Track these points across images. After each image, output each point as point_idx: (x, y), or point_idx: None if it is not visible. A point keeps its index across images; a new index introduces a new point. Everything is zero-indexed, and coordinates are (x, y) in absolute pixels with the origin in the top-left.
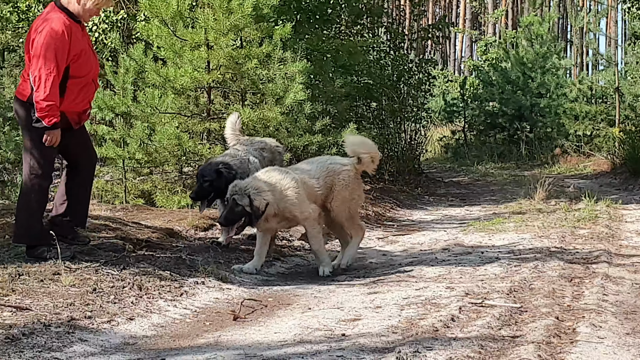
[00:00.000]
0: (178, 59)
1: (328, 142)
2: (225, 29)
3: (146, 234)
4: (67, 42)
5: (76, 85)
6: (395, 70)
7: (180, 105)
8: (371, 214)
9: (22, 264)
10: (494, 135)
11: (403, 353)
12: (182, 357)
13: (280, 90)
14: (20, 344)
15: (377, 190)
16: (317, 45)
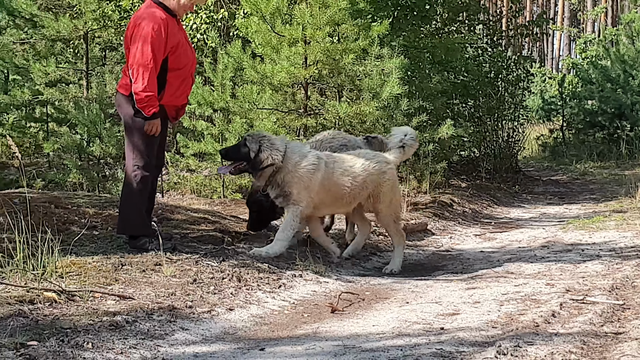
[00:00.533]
0: (275, 55)
1: (424, 138)
2: (321, 24)
3: (244, 227)
4: (164, 35)
5: (176, 78)
6: (493, 67)
7: (278, 101)
8: (468, 211)
9: (125, 254)
10: (593, 134)
11: (504, 347)
12: (282, 347)
13: (377, 86)
14: (124, 331)
15: (473, 187)
16: (414, 42)
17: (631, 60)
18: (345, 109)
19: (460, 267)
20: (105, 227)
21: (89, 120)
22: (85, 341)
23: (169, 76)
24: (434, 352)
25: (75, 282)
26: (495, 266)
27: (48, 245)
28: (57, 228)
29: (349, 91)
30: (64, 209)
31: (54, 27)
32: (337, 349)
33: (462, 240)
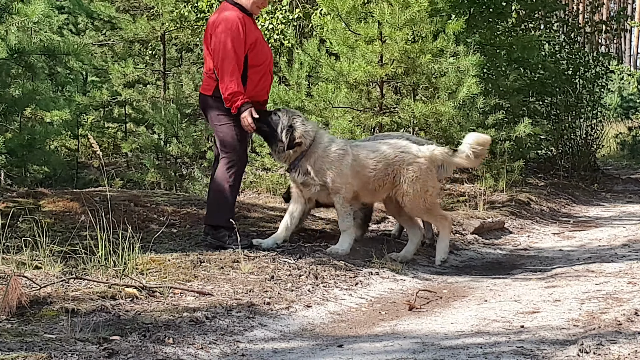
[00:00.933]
0: (351, 54)
1: (501, 136)
2: (400, 23)
3: (320, 225)
4: (242, 33)
5: (256, 74)
6: (571, 64)
7: (353, 99)
8: (546, 210)
9: (203, 251)
10: None
11: (586, 345)
12: (360, 344)
13: (453, 84)
14: (204, 327)
15: (551, 185)
16: (490, 39)
17: None
18: (421, 107)
19: (539, 266)
20: (183, 225)
21: (166, 120)
22: (166, 336)
23: (250, 73)
24: (515, 350)
25: (155, 278)
26: (575, 265)
27: (129, 243)
28: (137, 226)
29: (424, 89)
30: (143, 207)
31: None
32: (415, 346)
33: (540, 239)
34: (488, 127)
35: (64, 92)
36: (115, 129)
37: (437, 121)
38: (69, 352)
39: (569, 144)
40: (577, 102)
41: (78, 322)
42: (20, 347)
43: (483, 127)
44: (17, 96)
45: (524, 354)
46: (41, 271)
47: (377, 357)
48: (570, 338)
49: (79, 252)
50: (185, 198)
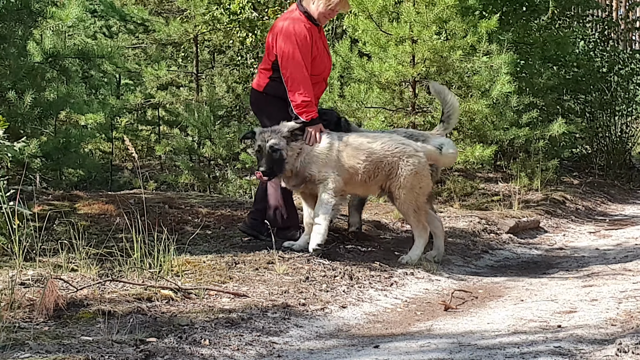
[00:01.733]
0: (383, 54)
1: (535, 135)
2: (429, 22)
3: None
4: (309, 44)
5: (313, 83)
6: (606, 61)
7: (385, 99)
8: (581, 208)
9: (238, 253)
10: None
11: (624, 345)
12: (396, 344)
13: (486, 82)
14: (240, 328)
15: (586, 184)
16: (523, 37)
17: None
18: None
19: (574, 265)
20: (217, 227)
21: (200, 122)
22: (202, 338)
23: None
24: (552, 350)
25: (190, 280)
26: (612, 263)
27: (164, 245)
28: (172, 227)
29: (457, 88)
30: (177, 209)
31: (165, 31)
32: (452, 346)
33: (576, 238)
34: (522, 126)
35: (97, 96)
36: (149, 132)
37: (471, 120)
38: (105, 354)
39: (603, 142)
40: (611, 100)
41: (114, 324)
42: (57, 349)
43: (517, 126)
44: (52, 100)
45: (561, 353)
46: (77, 273)
47: (413, 357)
48: (608, 337)
49: (115, 254)
50: (219, 200)
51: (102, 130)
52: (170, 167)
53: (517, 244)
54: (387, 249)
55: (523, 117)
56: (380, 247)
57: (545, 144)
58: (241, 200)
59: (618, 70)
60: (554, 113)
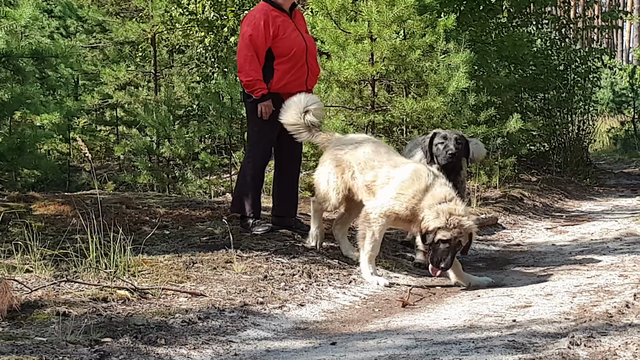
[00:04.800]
0: (342, 52)
1: (493, 133)
2: (388, 21)
3: None
4: (262, 25)
5: (282, 65)
6: (562, 60)
7: (345, 98)
8: (538, 205)
9: (196, 252)
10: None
11: (577, 338)
12: (353, 341)
13: (444, 80)
14: (197, 328)
15: (544, 181)
16: (480, 36)
17: None
18: (412, 104)
19: (531, 261)
20: (175, 227)
21: (158, 122)
22: (158, 337)
23: (275, 63)
24: (506, 344)
25: (147, 280)
26: (567, 259)
27: (120, 245)
28: (129, 228)
29: (416, 87)
30: (135, 210)
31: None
32: (408, 342)
33: (533, 234)
34: (480, 124)
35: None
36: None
37: (429, 118)
38: (60, 355)
39: (561, 139)
40: (569, 98)
41: (69, 324)
42: (11, 351)
43: (475, 124)
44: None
45: (515, 347)
46: (32, 274)
47: (370, 354)
48: (562, 331)
49: (70, 255)
50: (178, 200)
51: (59, 131)
52: (129, 168)
53: (475, 240)
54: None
55: (481, 115)
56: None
57: (503, 142)
58: (200, 200)
59: (575, 69)
60: (512, 111)
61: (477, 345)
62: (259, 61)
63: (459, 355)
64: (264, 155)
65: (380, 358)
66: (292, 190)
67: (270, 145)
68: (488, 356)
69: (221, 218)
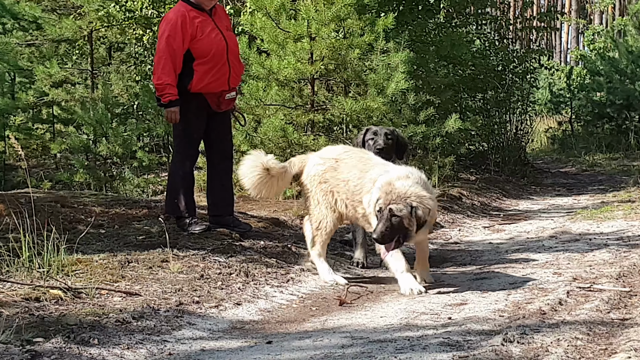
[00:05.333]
0: (281, 51)
1: (432, 132)
2: (327, 20)
3: (252, 223)
4: (179, 27)
5: (202, 65)
6: (501, 60)
7: (284, 97)
8: (477, 204)
9: (132, 252)
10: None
11: (510, 335)
12: (289, 340)
13: (383, 80)
14: (131, 327)
15: (482, 180)
16: (420, 36)
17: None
18: (352, 104)
19: (468, 259)
20: (111, 226)
21: (95, 120)
22: (91, 337)
23: (194, 64)
24: (441, 342)
25: (81, 279)
26: (504, 257)
27: (54, 244)
28: (64, 227)
29: (356, 86)
30: (70, 208)
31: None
32: (344, 340)
33: (471, 233)
34: (419, 123)
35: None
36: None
37: (368, 117)
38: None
39: (499, 139)
40: (507, 98)
41: (0, 324)
42: None
43: (415, 124)
44: None
45: (450, 344)
46: None
47: (305, 352)
48: (496, 328)
49: (3, 254)
50: (114, 198)
51: None
52: (66, 166)
53: None
54: (285, 246)
55: (420, 115)
56: (279, 244)
57: (442, 141)
58: (136, 199)
59: (513, 69)
60: (451, 111)
61: (412, 343)
62: (176, 63)
63: (394, 353)
64: (191, 154)
65: (315, 357)
66: (226, 187)
67: (197, 144)
68: (423, 354)
69: (158, 217)
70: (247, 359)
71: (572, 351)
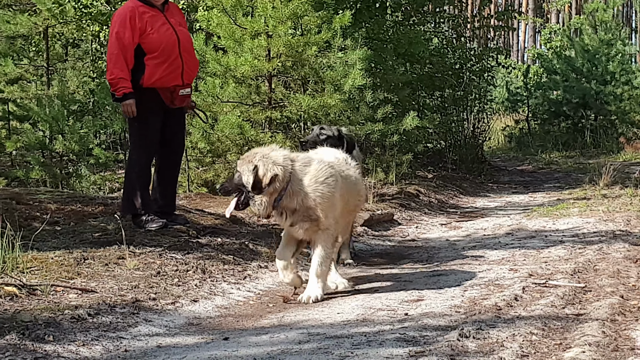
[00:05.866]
0: (238, 48)
1: (390, 130)
2: (284, 17)
3: (209, 220)
4: (128, 22)
5: (152, 60)
6: (459, 58)
7: (242, 94)
8: (434, 202)
9: (87, 249)
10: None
11: (466, 330)
12: (246, 336)
13: (340, 77)
14: (86, 324)
15: (440, 178)
16: (377, 34)
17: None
18: (309, 101)
19: (425, 256)
20: (67, 223)
21: (51, 117)
22: (46, 334)
23: (145, 59)
24: (398, 337)
25: (36, 276)
26: (460, 253)
27: (8, 241)
28: (19, 224)
29: (314, 83)
30: (25, 205)
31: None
32: (301, 337)
33: (428, 230)
34: (377, 121)
35: None
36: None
37: (326, 114)
38: None
39: (457, 137)
40: (465, 96)
41: None
42: None
43: (372, 121)
44: None
45: (406, 340)
46: None
47: (262, 348)
48: (452, 324)
49: None
50: (70, 195)
51: None
52: (22, 163)
53: (371, 236)
54: (242, 243)
55: (378, 112)
56: (236, 241)
57: (399, 139)
58: (93, 196)
59: (470, 67)
60: (408, 108)
61: (369, 339)
62: (127, 58)
63: (351, 348)
64: (147, 150)
65: (272, 352)
66: (173, 185)
67: (154, 140)
68: (379, 349)
69: (114, 214)
70: (204, 355)
71: (527, 346)
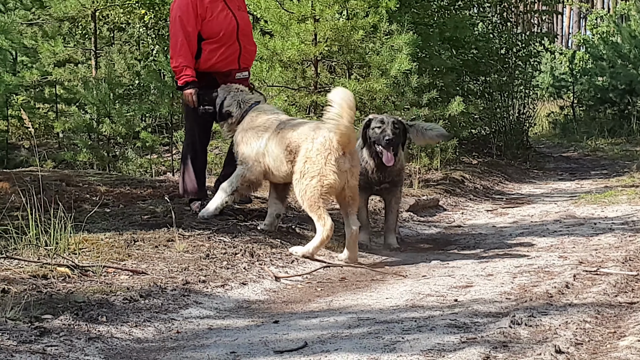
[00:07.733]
0: (285, 32)
1: (435, 115)
2: (331, 1)
3: (256, 204)
4: (191, 8)
5: (209, 45)
6: (504, 43)
7: (287, 78)
8: (479, 188)
9: (137, 231)
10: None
11: (518, 317)
12: (295, 320)
13: (386, 62)
14: (138, 305)
15: (485, 164)
16: (423, 18)
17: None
18: (355, 86)
19: (472, 242)
20: (116, 205)
21: (98, 100)
22: (99, 315)
23: (203, 44)
24: (448, 323)
25: (88, 258)
26: (508, 240)
27: (60, 222)
28: (69, 206)
29: (359, 68)
30: (75, 187)
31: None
32: (351, 321)
33: (474, 216)
34: (422, 106)
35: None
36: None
37: (372, 99)
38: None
39: (502, 122)
40: (510, 82)
41: (9, 301)
42: None
43: (417, 106)
44: None
45: (457, 326)
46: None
47: (312, 332)
48: (503, 310)
49: (10, 232)
50: (119, 178)
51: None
52: (69, 146)
53: (417, 221)
54: (289, 227)
55: (423, 97)
56: (283, 225)
57: (444, 124)
58: (141, 178)
59: (516, 52)
60: (453, 94)
61: (419, 324)
62: (191, 45)
63: (402, 334)
64: (202, 134)
65: (323, 336)
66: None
67: (209, 125)
68: (430, 335)
69: (163, 197)
70: (255, 337)
71: (580, 334)
